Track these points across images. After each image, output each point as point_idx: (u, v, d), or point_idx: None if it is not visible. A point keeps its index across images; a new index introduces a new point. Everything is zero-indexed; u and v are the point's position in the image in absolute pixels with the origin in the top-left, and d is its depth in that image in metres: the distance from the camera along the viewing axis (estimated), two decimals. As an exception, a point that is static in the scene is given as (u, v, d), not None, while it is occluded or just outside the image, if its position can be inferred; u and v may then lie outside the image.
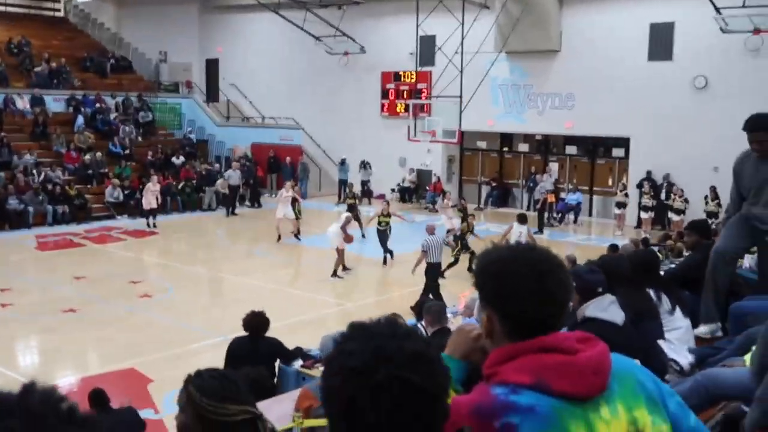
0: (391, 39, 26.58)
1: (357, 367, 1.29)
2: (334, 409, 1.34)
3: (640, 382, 1.67)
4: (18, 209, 20.58)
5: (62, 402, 0.85)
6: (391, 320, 1.39)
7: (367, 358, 1.30)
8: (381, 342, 1.32)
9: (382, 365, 1.29)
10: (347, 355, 1.32)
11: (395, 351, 1.30)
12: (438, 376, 1.34)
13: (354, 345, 1.33)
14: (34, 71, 26.91)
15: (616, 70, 22.00)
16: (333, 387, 1.33)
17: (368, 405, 1.28)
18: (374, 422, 1.28)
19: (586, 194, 24.12)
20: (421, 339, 1.38)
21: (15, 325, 12.12)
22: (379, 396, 1.27)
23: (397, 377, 1.28)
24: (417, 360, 1.31)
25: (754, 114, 5.11)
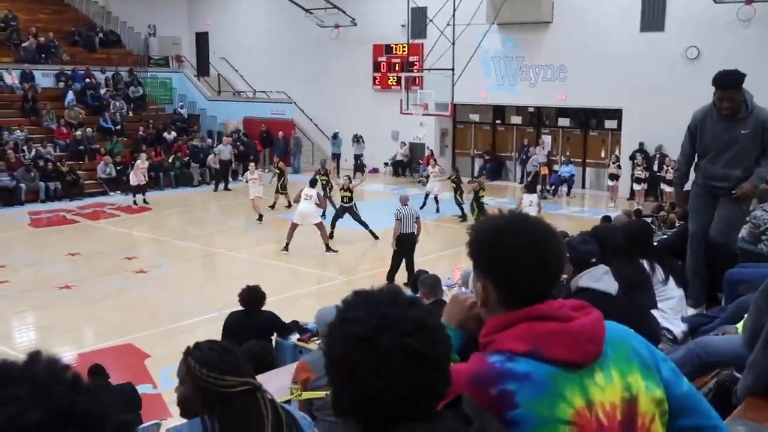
0: (382, 11, 26.38)
1: (361, 334, 1.31)
2: (337, 376, 1.35)
3: (634, 348, 1.69)
4: (10, 186, 20.51)
5: (67, 371, 0.86)
6: (393, 289, 1.40)
7: (371, 325, 1.31)
8: (384, 310, 1.33)
9: (386, 332, 1.30)
10: (351, 322, 1.33)
11: (398, 318, 1.31)
12: (441, 343, 1.35)
13: (358, 313, 1.34)
14: (21, 46, 26.62)
15: (608, 41, 21.91)
16: (336, 354, 1.34)
17: (372, 372, 1.29)
18: (378, 389, 1.29)
19: (579, 166, 24.13)
20: (424, 307, 1.39)
21: (10, 302, 12.13)
22: (382, 363, 1.29)
23: (401, 344, 1.29)
24: (420, 327, 1.32)
25: (723, 70, 5.01)
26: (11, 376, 0.82)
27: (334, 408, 1.39)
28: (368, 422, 1.34)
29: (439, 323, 1.41)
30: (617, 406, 1.61)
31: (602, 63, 22.07)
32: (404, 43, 24.75)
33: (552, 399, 1.56)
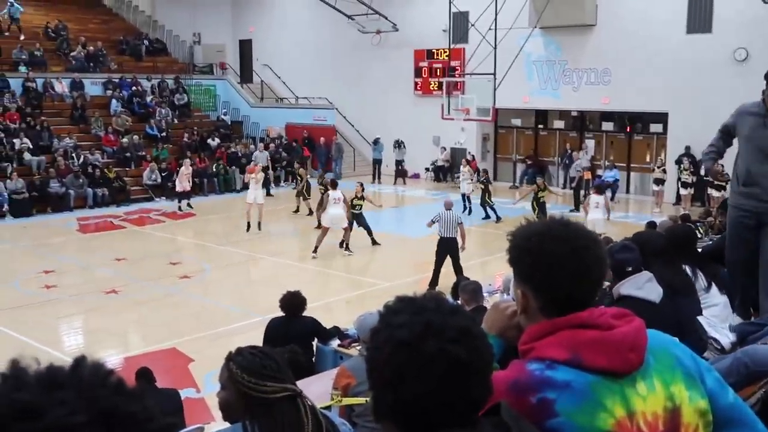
0: (424, 16, 26.40)
1: (406, 340, 1.30)
2: (379, 380, 1.35)
3: (677, 357, 1.67)
4: (59, 192, 21.00)
5: (111, 375, 0.88)
6: (436, 296, 1.40)
7: (416, 331, 1.30)
8: (429, 316, 1.33)
9: (430, 339, 1.30)
10: (396, 327, 1.33)
11: (443, 325, 1.31)
12: (483, 352, 1.35)
13: (402, 318, 1.34)
14: (71, 55, 27.29)
15: (653, 43, 21.59)
16: (379, 359, 1.34)
17: (414, 377, 1.29)
18: (419, 394, 1.29)
19: (623, 171, 23.80)
20: (467, 315, 1.39)
21: (59, 306, 12.41)
22: (426, 369, 1.29)
23: (445, 351, 1.29)
24: (464, 335, 1.32)
25: None
26: (58, 380, 0.85)
27: (374, 412, 1.39)
28: (408, 427, 1.34)
29: (482, 332, 1.41)
30: (659, 416, 1.58)
31: (647, 66, 21.75)
32: (446, 47, 24.74)
33: (592, 408, 1.54)
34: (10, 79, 24.58)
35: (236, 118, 30.12)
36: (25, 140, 22.37)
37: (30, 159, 21.97)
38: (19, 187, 20.36)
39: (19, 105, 23.84)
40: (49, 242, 17.59)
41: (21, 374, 0.85)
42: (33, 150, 22.32)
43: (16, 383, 0.84)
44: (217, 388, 2.56)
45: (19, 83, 24.72)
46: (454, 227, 12.97)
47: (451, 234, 12.95)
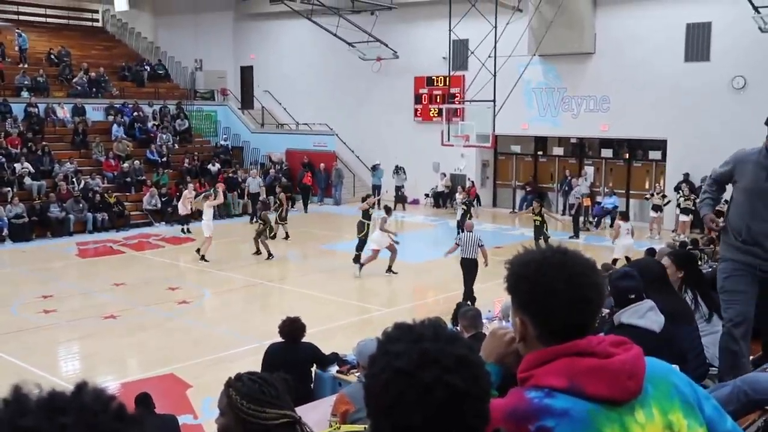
0: (424, 44, 26.61)
1: (403, 369, 1.31)
2: (377, 407, 1.35)
3: (675, 385, 1.67)
4: (59, 217, 21.01)
5: (112, 401, 0.89)
6: (435, 323, 1.40)
7: (414, 360, 1.31)
8: (427, 345, 1.33)
9: (428, 368, 1.30)
10: (393, 355, 1.33)
11: (441, 354, 1.32)
12: (481, 380, 1.35)
13: (400, 346, 1.34)
14: (73, 81, 27.47)
15: (652, 71, 21.76)
16: (377, 386, 1.34)
17: (413, 405, 1.29)
18: (417, 423, 1.29)
19: (623, 198, 23.84)
20: (465, 343, 1.39)
21: (57, 331, 12.37)
22: (424, 398, 1.29)
23: (442, 380, 1.29)
24: (462, 364, 1.32)
25: None
26: (60, 405, 0.86)
27: None
28: None
29: (480, 360, 1.41)
30: (658, 444, 1.59)
31: (646, 93, 21.91)
32: (446, 74, 24.90)
33: (591, 436, 1.54)
34: (13, 105, 24.72)
35: (237, 144, 30.24)
36: (26, 165, 22.43)
37: (31, 183, 22.02)
38: (20, 212, 20.37)
39: (21, 130, 23.95)
40: (48, 267, 17.57)
41: (23, 399, 0.86)
42: (34, 175, 22.38)
43: (19, 408, 0.85)
44: (215, 415, 2.55)
45: (22, 108, 24.85)
46: (474, 249, 13.18)
47: (472, 255, 13.15)
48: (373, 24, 26.02)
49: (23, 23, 32.42)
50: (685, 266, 4.97)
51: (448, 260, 14.56)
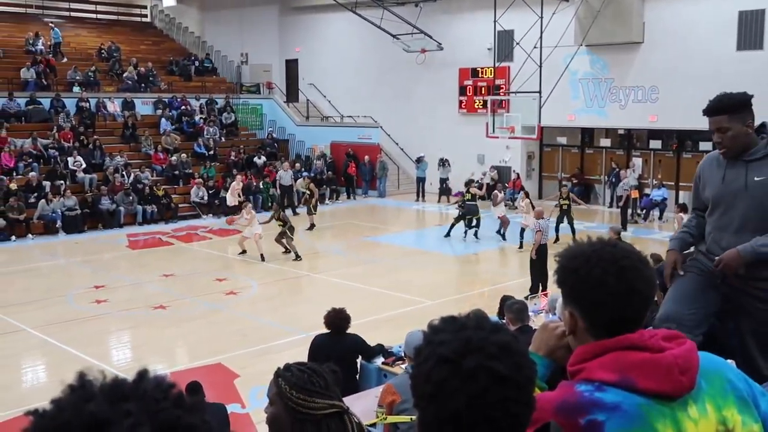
0: (469, 35, 26.45)
1: (447, 356, 1.33)
2: (422, 395, 1.37)
3: (730, 380, 1.65)
4: (110, 209, 21.47)
5: (172, 388, 0.91)
6: (479, 314, 1.42)
7: (457, 347, 1.33)
8: (470, 333, 1.35)
9: (470, 355, 1.32)
10: (437, 344, 1.36)
11: (484, 342, 1.33)
12: (525, 368, 1.35)
13: (444, 336, 1.36)
14: (123, 76, 28.00)
15: (702, 60, 21.27)
16: (421, 374, 1.36)
17: (456, 391, 1.31)
18: (461, 409, 1.31)
19: (672, 190, 23.41)
20: (509, 333, 1.40)
21: (109, 321, 12.67)
22: (467, 385, 1.30)
23: (485, 367, 1.30)
24: (504, 351, 1.33)
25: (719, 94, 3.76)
26: (123, 392, 0.88)
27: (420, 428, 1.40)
28: None
29: (524, 349, 1.41)
30: (712, 440, 1.57)
31: (696, 83, 21.40)
32: (490, 66, 24.73)
33: (642, 431, 1.53)
34: (65, 99, 25.30)
35: (282, 137, 30.49)
36: (79, 158, 22.95)
37: (83, 177, 22.54)
38: (72, 204, 20.87)
39: (73, 124, 24.49)
40: (99, 258, 17.99)
41: (88, 386, 0.89)
42: (85, 168, 22.90)
43: (85, 394, 0.87)
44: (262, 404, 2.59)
45: (74, 103, 25.42)
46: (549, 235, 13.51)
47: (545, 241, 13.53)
48: (418, 16, 25.95)
49: (74, 20, 33.17)
50: None
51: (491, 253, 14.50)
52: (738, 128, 3.65)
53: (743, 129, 3.65)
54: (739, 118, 3.66)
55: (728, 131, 3.65)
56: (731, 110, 3.67)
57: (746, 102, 3.70)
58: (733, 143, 3.65)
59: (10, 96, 24.36)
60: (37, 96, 24.90)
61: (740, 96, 3.70)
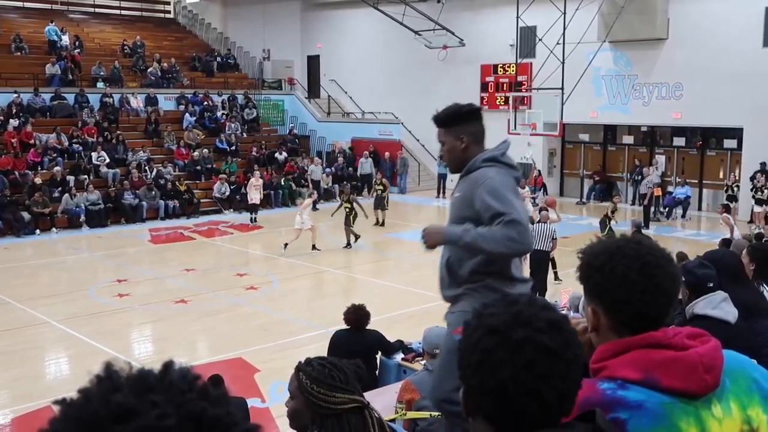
0: (491, 31, 26.34)
1: (496, 327, 1.35)
2: (468, 365, 1.38)
3: (755, 379, 1.63)
4: (133, 204, 21.66)
5: (198, 380, 0.92)
6: (530, 295, 1.44)
7: (507, 320, 1.35)
8: (520, 308, 1.37)
9: (519, 327, 1.33)
10: (487, 316, 1.38)
11: (534, 317, 1.35)
12: (573, 345, 1.37)
13: (495, 309, 1.39)
14: (147, 72, 28.21)
15: (727, 57, 21.02)
16: (469, 344, 1.38)
17: (502, 362, 1.32)
18: (506, 379, 1.31)
19: (695, 188, 23.18)
20: (559, 312, 1.42)
21: (131, 315, 12.78)
22: (513, 355, 1.32)
23: (532, 339, 1.32)
24: (553, 327, 1.35)
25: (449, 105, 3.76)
26: (149, 383, 0.89)
27: (466, 404, 1.40)
28: (498, 421, 1.35)
29: (573, 329, 1.41)
30: (736, 439, 1.55)
31: (721, 80, 21.18)
32: (513, 62, 24.62)
33: (666, 430, 1.52)
34: (89, 95, 25.54)
35: (303, 133, 30.57)
36: (102, 154, 23.16)
37: (106, 171, 22.74)
38: (95, 199, 21.08)
39: (97, 119, 24.72)
40: (122, 252, 18.15)
41: (115, 377, 0.90)
42: (109, 163, 23.11)
43: (111, 385, 0.88)
44: (282, 399, 2.60)
45: (97, 98, 25.65)
46: (546, 240, 13.02)
47: (545, 248, 12.96)
48: (440, 12, 25.87)
49: (99, 16, 33.47)
50: (758, 258, 4.81)
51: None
52: (451, 142, 3.70)
53: (456, 143, 3.69)
54: (451, 132, 3.69)
55: (444, 145, 3.73)
56: (445, 124, 3.71)
57: (460, 115, 3.70)
58: (449, 157, 3.75)
59: (35, 91, 24.64)
60: (62, 92, 25.16)
61: (454, 109, 3.70)
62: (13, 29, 28.21)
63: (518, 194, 3.61)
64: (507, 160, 3.71)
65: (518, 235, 3.33)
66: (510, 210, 3.37)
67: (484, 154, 3.68)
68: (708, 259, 4.04)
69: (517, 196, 3.59)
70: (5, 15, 30.07)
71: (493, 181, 3.50)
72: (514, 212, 3.37)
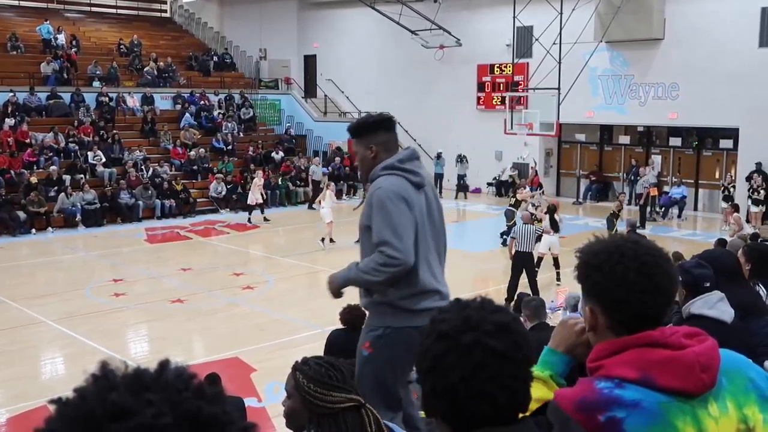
0: (488, 31, 26.34)
1: (446, 332, 1.41)
2: (422, 371, 1.45)
3: (752, 379, 1.63)
4: (129, 203, 21.63)
5: (194, 379, 0.92)
6: (484, 298, 1.49)
7: (456, 324, 1.41)
8: (470, 312, 1.43)
9: (468, 332, 1.39)
10: (439, 322, 1.44)
11: (482, 321, 1.40)
12: (521, 346, 1.41)
13: (447, 315, 1.45)
14: (144, 71, 28.17)
15: (724, 57, 21.06)
16: (424, 349, 1.44)
17: (452, 366, 1.38)
18: (456, 382, 1.37)
19: (691, 188, 23.23)
20: (509, 314, 1.47)
21: (127, 314, 12.76)
22: (462, 359, 1.37)
23: (481, 343, 1.38)
24: (501, 329, 1.40)
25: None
26: (145, 382, 0.89)
27: (424, 406, 1.47)
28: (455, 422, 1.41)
29: (523, 330, 1.47)
30: (732, 438, 1.55)
31: (717, 80, 21.22)
32: (509, 62, 24.63)
33: (662, 429, 1.52)
34: (85, 94, 25.49)
35: (300, 132, 30.55)
36: (99, 153, 23.12)
37: (102, 171, 22.71)
38: (92, 198, 21.04)
39: (93, 119, 24.68)
40: (118, 252, 18.12)
41: (111, 375, 0.90)
42: (105, 162, 23.07)
43: (107, 384, 0.88)
44: (278, 398, 2.59)
45: (94, 98, 25.61)
46: (530, 241, 12.91)
47: (527, 248, 12.85)
48: (436, 12, 25.87)
49: (95, 14, 33.42)
50: (754, 258, 4.82)
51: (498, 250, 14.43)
52: (362, 152, 3.82)
53: (366, 152, 3.79)
54: (362, 141, 3.81)
55: (357, 154, 3.88)
56: (355, 134, 3.86)
57: (369, 125, 3.82)
58: (361, 166, 3.90)
59: (31, 91, 24.59)
60: (58, 91, 25.12)
61: (363, 119, 3.87)
62: (9, 28, 28.17)
63: (410, 199, 3.67)
64: (407, 166, 3.75)
65: (388, 259, 3.51)
66: (383, 234, 3.53)
67: (384, 162, 3.73)
68: (705, 259, 4.05)
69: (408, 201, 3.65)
70: (1, 14, 30.01)
71: (381, 193, 3.62)
72: (387, 235, 3.52)
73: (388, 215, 3.56)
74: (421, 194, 3.76)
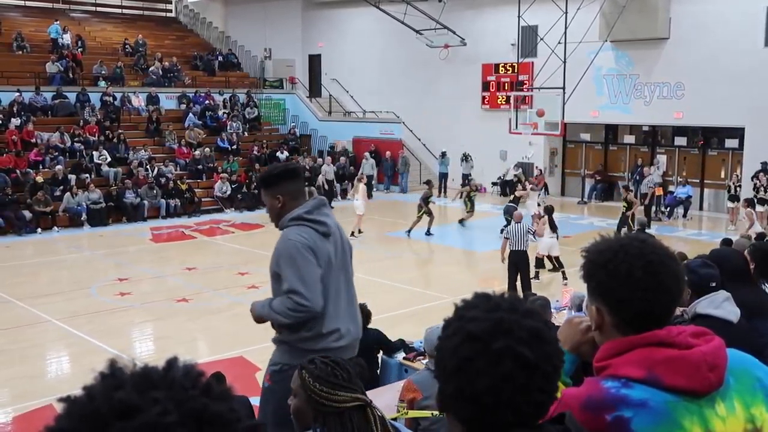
0: (492, 30, 26.32)
1: (476, 334, 1.31)
2: (444, 369, 1.35)
3: (759, 378, 1.63)
4: (134, 203, 21.67)
5: (201, 377, 0.92)
6: (513, 297, 1.40)
7: (487, 327, 1.31)
8: (502, 314, 1.33)
9: (500, 336, 1.30)
10: (468, 320, 1.34)
11: (515, 325, 1.31)
12: (553, 357, 1.33)
13: (475, 312, 1.35)
14: (149, 70, 28.22)
15: (729, 56, 21.00)
16: (448, 348, 1.34)
17: (479, 371, 1.29)
18: (482, 389, 1.29)
19: (697, 187, 23.17)
20: (542, 319, 1.38)
21: (132, 313, 12.79)
22: (492, 366, 1.29)
23: (513, 350, 1.29)
24: (535, 337, 1.31)
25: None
26: (152, 380, 0.89)
27: (439, 400, 1.38)
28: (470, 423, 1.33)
29: (554, 337, 1.39)
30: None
31: (723, 79, 21.17)
32: (514, 62, 24.61)
33: (669, 428, 1.52)
34: (91, 94, 25.55)
35: (305, 132, 30.58)
36: (104, 153, 23.17)
37: (107, 170, 22.76)
38: (97, 198, 21.09)
39: (98, 118, 24.73)
40: (123, 251, 18.16)
41: (119, 373, 0.90)
42: (110, 162, 23.12)
43: (115, 382, 0.88)
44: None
45: (99, 97, 25.66)
46: (524, 240, 12.85)
47: (521, 247, 12.82)
48: (441, 11, 25.86)
49: (100, 14, 33.49)
50: (758, 258, 4.80)
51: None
52: (269, 202, 4.05)
53: (273, 202, 4.02)
54: (269, 192, 4.02)
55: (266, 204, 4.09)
56: (263, 185, 4.08)
57: (275, 176, 4.01)
58: (270, 215, 4.12)
59: (36, 90, 24.65)
60: (63, 90, 25.17)
61: (269, 171, 4.08)
62: (15, 28, 28.23)
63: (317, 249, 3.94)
64: (314, 216, 3.96)
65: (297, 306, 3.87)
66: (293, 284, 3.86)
67: (292, 213, 3.95)
68: (713, 259, 4.04)
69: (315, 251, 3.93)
70: (6, 14, 30.08)
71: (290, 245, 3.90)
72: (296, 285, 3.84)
73: (297, 267, 3.86)
74: (328, 241, 3.98)
